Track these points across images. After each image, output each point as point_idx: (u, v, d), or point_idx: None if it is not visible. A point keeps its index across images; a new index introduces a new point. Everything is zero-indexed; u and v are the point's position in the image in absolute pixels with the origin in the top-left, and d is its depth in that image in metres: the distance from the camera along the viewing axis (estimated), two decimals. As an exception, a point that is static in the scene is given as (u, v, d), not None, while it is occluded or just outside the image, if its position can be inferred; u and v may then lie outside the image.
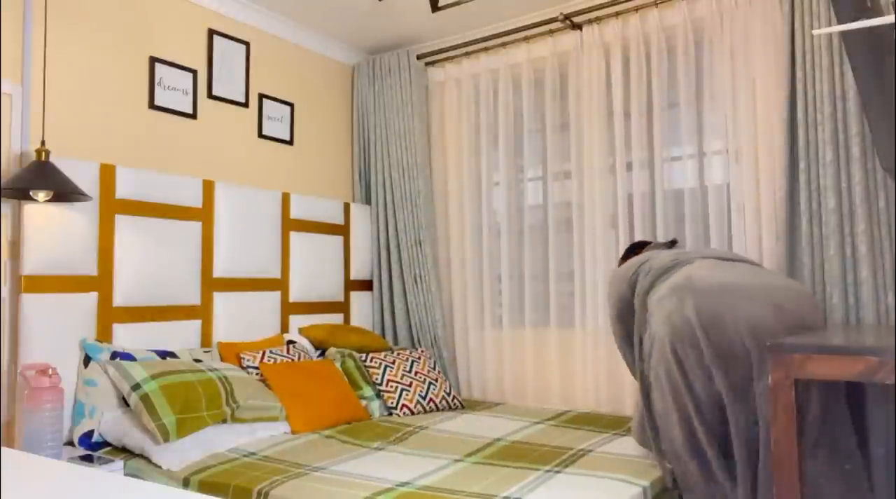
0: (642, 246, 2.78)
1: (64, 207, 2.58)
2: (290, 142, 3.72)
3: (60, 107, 2.73)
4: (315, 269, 3.63)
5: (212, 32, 3.31)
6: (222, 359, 2.99)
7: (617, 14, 3.30)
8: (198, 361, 2.77)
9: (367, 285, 3.98)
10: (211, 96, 3.30)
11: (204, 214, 3.10)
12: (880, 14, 1.68)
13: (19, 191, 2.39)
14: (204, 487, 2.12)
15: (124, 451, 2.45)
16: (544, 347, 3.54)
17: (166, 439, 2.33)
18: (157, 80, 3.06)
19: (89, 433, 2.49)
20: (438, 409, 3.18)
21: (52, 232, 2.54)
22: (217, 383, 2.59)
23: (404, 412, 3.08)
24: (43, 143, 2.43)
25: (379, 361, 3.25)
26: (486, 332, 3.70)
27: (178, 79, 3.14)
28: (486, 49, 3.75)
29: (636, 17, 3.25)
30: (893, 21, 1.54)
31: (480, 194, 3.81)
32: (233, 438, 2.50)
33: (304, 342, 3.36)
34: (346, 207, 3.88)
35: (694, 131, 3.11)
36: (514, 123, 3.71)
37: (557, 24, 3.50)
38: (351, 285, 3.87)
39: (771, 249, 2.86)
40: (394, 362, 3.26)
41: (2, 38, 2.54)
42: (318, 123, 3.94)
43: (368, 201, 4.10)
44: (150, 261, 2.85)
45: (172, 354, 2.80)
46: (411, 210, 3.84)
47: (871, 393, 2.34)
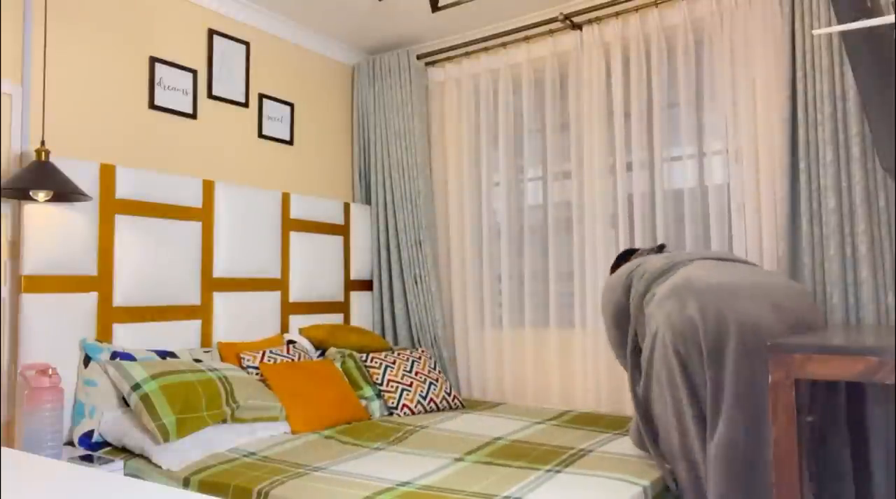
0: (632, 253, 2.78)
1: (64, 207, 2.58)
2: (290, 142, 3.72)
3: (60, 107, 2.73)
4: (315, 269, 3.63)
5: (212, 32, 3.31)
6: (222, 359, 2.99)
7: (617, 14, 3.30)
8: (198, 361, 2.77)
9: (367, 285, 3.98)
10: (211, 96, 3.30)
11: (204, 214, 3.10)
12: (880, 14, 1.68)
13: (19, 191, 2.39)
14: (204, 487, 2.13)
15: (124, 451, 2.45)
16: (544, 347, 3.54)
17: (166, 439, 2.34)
18: (157, 80, 3.06)
19: (89, 433, 2.49)
20: (439, 409, 3.18)
21: (52, 232, 2.54)
22: (217, 383, 2.59)
23: (405, 412, 3.08)
24: (43, 143, 2.43)
25: (379, 361, 3.25)
26: (486, 332, 3.71)
27: (178, 79, 3.14)
28: (486, 49, 3.75)
29: (636, 17, 3.25)
30: (893, 21, 1.54)
31: (480, 194, 3.81)
32: (233, 438, 2.50)
33: (304, 342, 3.36)
34: (346, 207, 3.88)
35: (694, 131, 3.11)
36: (514, 123, 3.71)
37: (557, 24, 3.50)
38: (351, 285, 3.87)
39: (771, 249, 2.86)
40: (394, 362, 3.26)
41: (2, 38, 2.54)
42: (318, 123, 3.94)
43: (368, 201, 4.10)
44: (150, 261, 2.85)
45: (172, 354, 2.80)
46: (411, 210, 3.84)
47: (871, 393, 2.34)
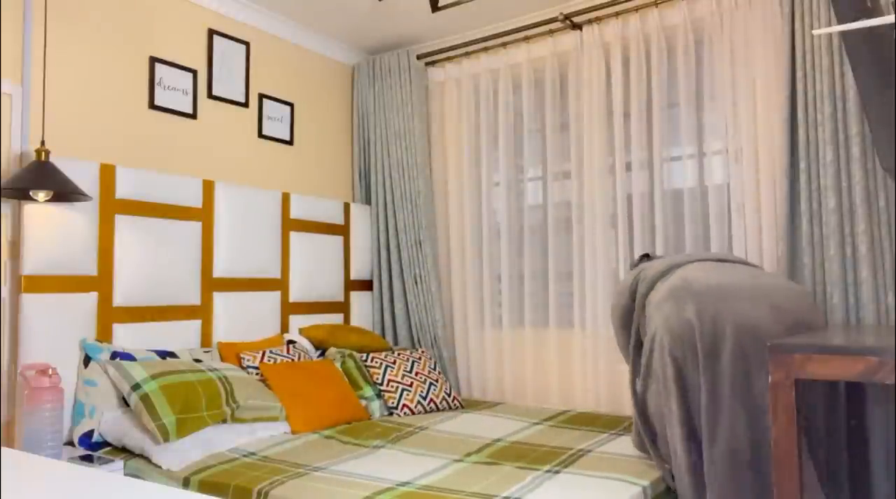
0: (649, 257, 2.79)
1: (64, 207, 2.58)
2: (290, 142, 3.72)
3: (60, 107, 2.73)
4: (315, 269, 3.63)
5: (212, 32, 3.31)
6: (222, 359, 2.99)
7: (617, 14, 3.30)
8: (198, 361, 2.77)
9: (367, 285, 3.98)
10: (211, 96, 3.30)
11: (204, 214, 3.10)
12: (880, 14, 1.68)
13: (19, 191, 2.39)
14: (204, 487, 2.13)
15: (124, 451, 2.45)
16: (544, 348, 3.54)
17: (166, 439, 2.33)
18: (157, 80, 3.06)
19: (89, 433, 2.49)
20: (439, 409, 3.18)
21: (52, 232, 2.54)
22: (217, 383, 2.59)
23: (405, 412, 3.08)
24: (43, 143, 2.43)
25: (380, 361, 3.25)
26: (486, 332, 3.70)
27: (178, 79, 3.14)
28: (486, 49, 3.75)
29: (636, 17, 3.25)
30: (893, 21, 1.54)
31: (480, 194, 3.81)
32: (233, 438, 2.50)
33: (304, 342, 3.36)
34: (346, 207, 3.88)
35: (694, 131, 3.11)
36: (514, 123, 3.71)
37: (557, 24, 3.50)
38: (351, 285, 3.87)
39: (771, 249, 2.86)
40: (394, 362, 3.26)
41: (2, 38, 2.54)
42: (318, 123, 3.94)
43: (368, 201, 4.10)
44: (150, 261, 2.85)
45: (172, 354, 2.80)
46: (411, 210, 3.84)
47: (871, 393, 2.34)
